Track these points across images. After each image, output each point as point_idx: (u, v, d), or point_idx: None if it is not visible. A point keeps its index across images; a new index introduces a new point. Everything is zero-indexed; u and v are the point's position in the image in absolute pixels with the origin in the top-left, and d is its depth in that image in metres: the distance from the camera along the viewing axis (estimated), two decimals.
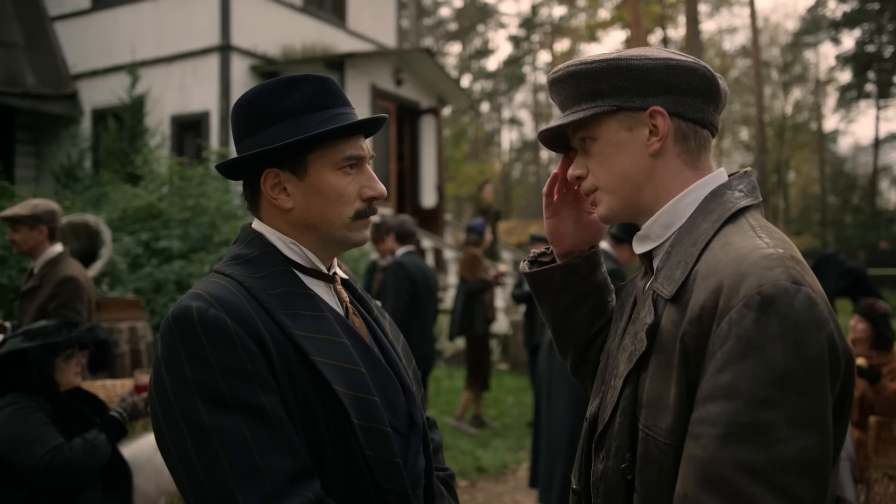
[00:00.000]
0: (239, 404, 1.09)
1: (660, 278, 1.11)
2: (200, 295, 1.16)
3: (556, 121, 1.20)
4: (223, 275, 1.23)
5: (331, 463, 1.17)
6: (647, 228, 1.18)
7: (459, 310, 6.73)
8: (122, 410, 2.50)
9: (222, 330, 1.11)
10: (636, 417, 1.08)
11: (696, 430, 0.96)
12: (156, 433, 1.14)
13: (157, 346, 1.15)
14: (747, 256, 0.99)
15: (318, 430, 1.17)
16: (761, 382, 0.91)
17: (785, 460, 0.89)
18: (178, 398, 1.09)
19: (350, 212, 1.28)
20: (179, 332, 1.12)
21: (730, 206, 1.10)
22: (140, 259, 7.78)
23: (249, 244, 1.28)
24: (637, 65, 1.11)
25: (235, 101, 1.31)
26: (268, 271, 1.24)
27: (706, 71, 1.14)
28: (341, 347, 1.22)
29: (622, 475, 1.09)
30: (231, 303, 1.15)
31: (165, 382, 1.11)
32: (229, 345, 1.11)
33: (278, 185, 1.27)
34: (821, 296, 0.97)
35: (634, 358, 1.09)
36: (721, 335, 0.95)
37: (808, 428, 0.90)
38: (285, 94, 1.26)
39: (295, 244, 1.29)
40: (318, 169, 1.26)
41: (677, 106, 1.13)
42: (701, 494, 0.93)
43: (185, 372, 1.10)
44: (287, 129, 1.24)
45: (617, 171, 1.16)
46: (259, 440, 1.08)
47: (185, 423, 1.08)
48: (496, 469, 5.58)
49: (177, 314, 1.13)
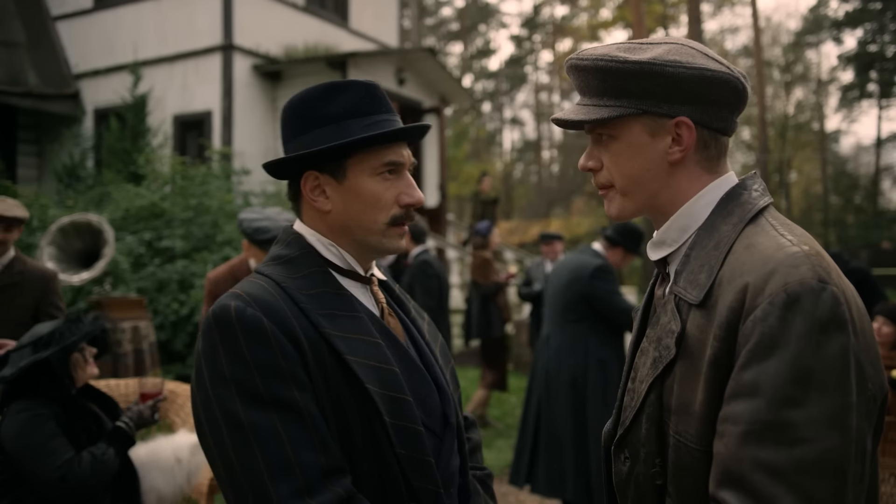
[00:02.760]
0: (274, 401, 1.12)
1: (681, 282, 1.09)
2: (240, 295, 1.20)
3: (574, 111, 1.16)
4: (263, 275, 1.27)
5: (362, 460, 1.20)
6: (662, 234, 1.16)
7: (476, 313, 6.73)
8: (129, 420, 2.50)
9: (259, 329, 1.15)
10: (664, 423, 1.08)
11: (721, 428, 0.96)
12: (196, 428, 1.17)
13: (199, 343, 1.19)
14: (773, 256, 0.98)
15: (351, 427, 1.19)
16: (784, 381, 0.90)
17: (806, 461, 0.88)
18: (216, 395, 1.13)
19: (386, 218, 1.30)
20: (219, 331, 1.16)
21: (749, 206, 1.09)
22: (143, 258, 7.77)
23: (289, 245, 1.32)
24: (672, 72, 1.07)
25: (284, 104, 1.35)
26: (306, 272, 1.27)
27: (738, 82, 1.11)
28: (375, 347, 1.25)
29: (652, 480, 1.09)
30: (268, 302, 1.19)
31: (205, 379, 1.15)
32: (265, 343, 1.14)
33: (318, 188, 1.30)
34: (845, 294, 0.96)
35: (661, 365, 1.08)
36: (746, 333, 0.94)
37: (831, 429, 0.89)
38: (330, 99, 1.29)
39: (333, 246, 1.32)
40: (357, 174, 1.28)
41: (703, 115, 1.10)
42: (722, 492, 0.93)
43: (224, 369, 1.14)
44: (329, 134, 1.27)
45: (634, 175, 1.14)
46: (293, 436, 1.11)
47: (223, 419, 1.12)
48: (500, 469, 5.56)
49: (217, 313, 1.17)
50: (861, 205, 31.39)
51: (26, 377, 2.40)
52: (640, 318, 1.25)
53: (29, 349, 2.43)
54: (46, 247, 6.10)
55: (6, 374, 2.37)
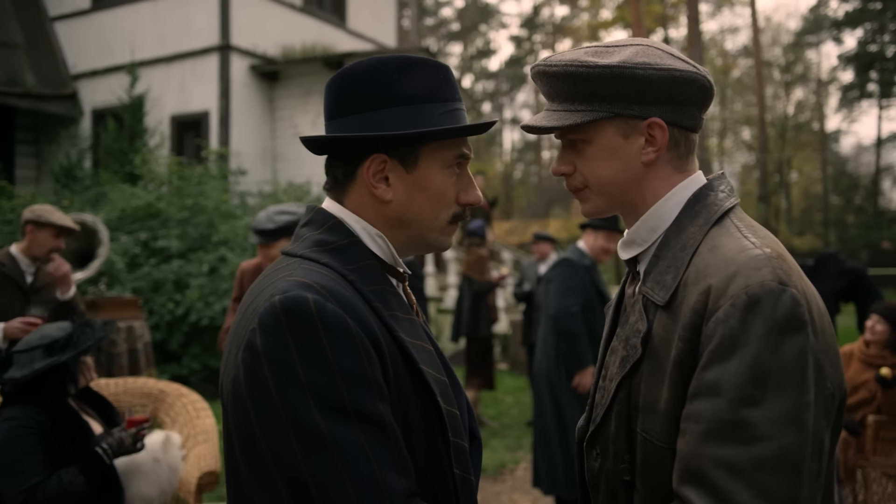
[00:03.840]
0: (359, 413, 0.97)
1: (648, 283, 1.11)
2: (311, 285, 1.02)
3: (545, 117, 1.16)
4: (319, 263, 1.09)
5: (422, 481, 1.07)
6: (632, 233, 1.17)
7: (466, 311, 6.75)
8: (108, 447, 2.37)
9: (343, 328, 0.99)
10: (632, 421, 1.10)
11: (684, 426, 0.98)
12: (243, 439, 1.00)
13: (257, 339, 0.99)
14: (735, 258, 1.00)
15: (415, 445, 1.07)
16: (743, 381, 0.92)
17: (763, 458, 0.91)
18: (287, 402, 0.96)
19: (448, 215, 1.18)
20: (292, 327, 0.98)
21: (715, 208, 1.11)
22: (138, 258, 7.78)
23: (332, 231, 1.14)
24: (642, 75, 1.08)
25: (339, 71, 1.16)
26: (359, 264, 1.12)
27: (706, 81, 1.13)
28: (430, 355, 1.14)
29: (621, 476, 1.12)
30: (346, 298, 1.03)
31: (269, 383, 0.97)
32: (351, 345, 0.99)
33: (381, 173, 1.15)
34: (806, 295, 0.98)
35: (628, 364, 1.11)
36: (708, 334, 0.97)
37: (788, 427, 0.91)
38: (408, 76, 1.14)
39: (381, 237, 1.16)
40: (429, 164, 1.15)
41: (674, 115, 1.12)
42: (684, 489, 0.96)
43: (299, 372, 0.96)
44: (409, 116, 1.13)
45: (609, 177, 1.15)
46: (379, 455, 0.97)
47: (294, 429, 0.95)
48: (494, 469, 5.56)
49: (290, 305, 0.98)
50: (861, 205, 31.35)
51: (33, 380, 2.37)
52: (612, 317, 1.27)
53: (41, 351, 2.39)
54: None
55: (17, 376, 2.33)
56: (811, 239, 29.67)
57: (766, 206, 29.46)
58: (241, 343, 1.01)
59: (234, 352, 1.03)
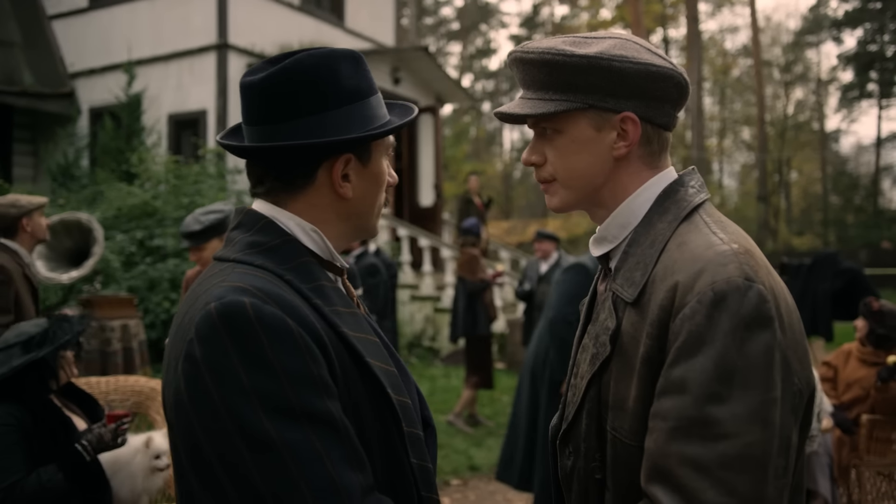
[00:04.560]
0: (308, 414, 0.95)
1: (618, 279, 1.10)
2: (246, 289, 0.99)
3: (518, 105, 1.15)
4: (253, 266, 1.06)
5: (380, 472, 1.06)
6: (603, 230, 1.16)
7: (462, 311, 6.73)
8: (87, 443, 2.34)
9: (284, 329, 0.96)
10: (603, 419, 1.10)
11: (651, 424, 0.98)
12: (189, 451, 0.97)
13: (195, 349, 0.96)
14: (702, 254, 1.00)
15: (368, 437, 1.06)
16: (709, 378, 0.92)
17: (728, 456, 0.90)
18: (232, 410, 0.93)
19: (383, 199, 1.20)
20: (231, 333, 0.95)
21: (685, 204, 1.10)
22: (134, 257, 7.78)
23: (265, 231, 1.11)
24: (618, 67, 1.07)
25: (268, 73, 1.09)
26: (295, 262, 1.09)
27: (681, 79, 1.12)
28: (376, 346, 1.13)
29: (592, 474, 1.11)
30: (283, 298, 1.00)
31: (212, 393, 0.94)
32: (293, 346, 0.96)
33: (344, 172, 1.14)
34: (773, 291, 0.97)
35: (597, 361, 1.10)
36: (675, 331, 0.96)
37: (753, 424, 0.91)
38: (350, 73, 1.12)
39: (316, 232, 1.13)
40: (378, 156, 1.16)
41: (648, 111, 1.10)
42: (651, 487, 0.95)
43: (242, 378, 0.93)
44: (362, 112, 1.12)
45: (578, 169, 1.14)
46: (332, 454, 0.95)
47: (242, 437, 0.93)
48: (489, 468, 5.55)
49: (225, 311, 0.96)
50: (861, 205, 31.33)
51: (13, 378, 2.35)
52: (585, 314, 1.26)
53: (18, 349, 2.37)
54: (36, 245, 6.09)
55: None
56: (810, 239, 29.67)
57: (765, 206, 29.45)
58: (180, 355, 0.98)
59: (174, 364, 1.00)
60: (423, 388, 6.67)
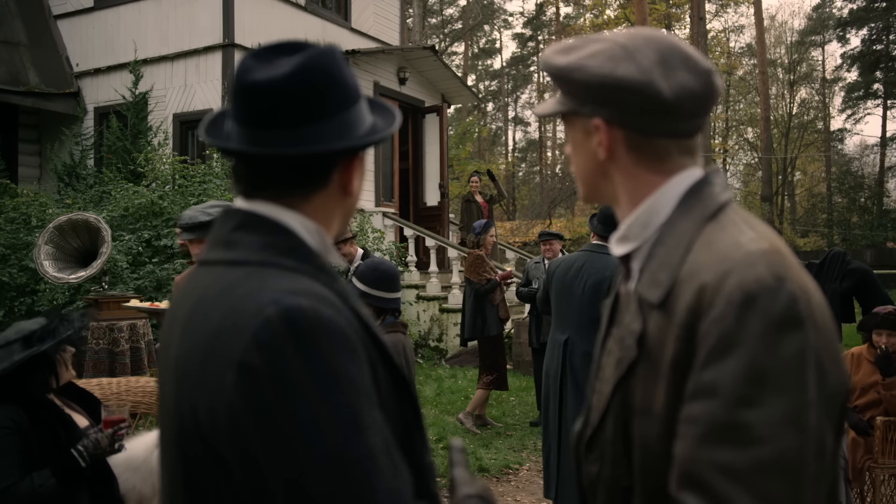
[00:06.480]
0: (368, 425, 0.93)
1: (643, 281, 1.08)
2: (298, 292, 0.94)
3: (543, 104, 1.23)
4: (285, 268, 1.00)
5: None
6: (625, 229, 1.15)
7: (469, 313, 6.64)
8: (83, 449, 2.31)
9: (342, 334, 0.93)
10: (629, 424, 1.07)
11: (680, 430, 0.95)
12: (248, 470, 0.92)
13: (254, 358, 0.90)
14: (730, 255, 0.97)
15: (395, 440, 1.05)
16: (740, 381, 0.89)
17: (762, 461, 0.87)
18: (298, 421, 0.89)
19: None
20: (296, 340, 0.90)
21: (710, 203, 1.08)
22: (141, 257, 7.78)
23: (275, 232, 1.05)
24: (578, 78, 1.09)
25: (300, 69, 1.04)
26: (313, 263, 1.04)
27: (651, 90, 1.05)
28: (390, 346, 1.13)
29: (619, 482, 1.09)
30: (331, 301, 0.96)
31: (276, 404, 0.89)
32: (350, 352, 0.94)
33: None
34: (805, 291, 0.94)
35: (623, 365, 1.08)
36: (704, 333, 0.94)
37: (788, 428, 0.88)
38: (347, 69, 1.11)
39: (318, 231, 1.09)
40: (365, 151, 1.18)
41: (622, 118, 1.09)
42: (681, 494, 0.93)
43: (307, 388, 0.90)
44: (365, 110, 1.12)
45: (578, 167, 1.19)
46: (388, 462, 0.94)
47: (309, 450, 0.89)
48: (498, 469, 5.53)
49: (288, 316, 0.91)
50: (866, 205, 31.21)
51: (12, 375, 2.33)
52: (608, 316, 1.24)
53: (19, 344, 2.34)
54: (44, 245, 6.10)
55: None
56: (815, 239, 29.59)
57: (769, 206, 29.40)
58: (227, 366, 0.92)
59: (215, 379, 0.93)
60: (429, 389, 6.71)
